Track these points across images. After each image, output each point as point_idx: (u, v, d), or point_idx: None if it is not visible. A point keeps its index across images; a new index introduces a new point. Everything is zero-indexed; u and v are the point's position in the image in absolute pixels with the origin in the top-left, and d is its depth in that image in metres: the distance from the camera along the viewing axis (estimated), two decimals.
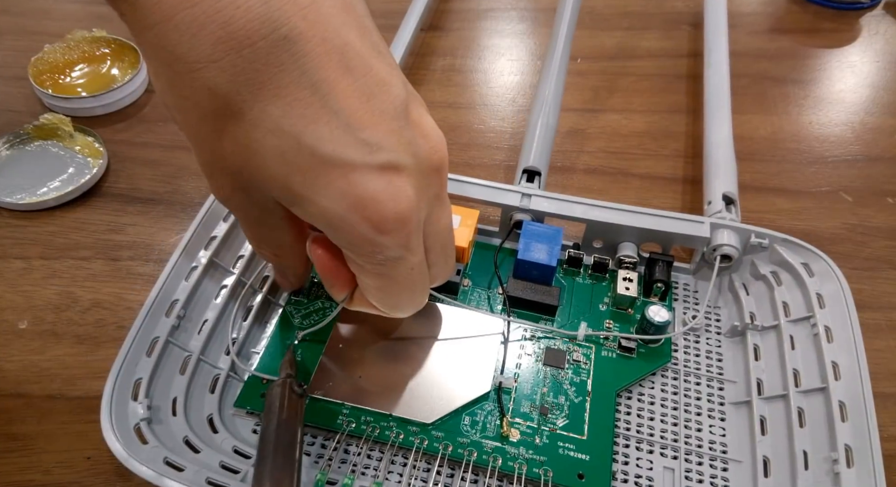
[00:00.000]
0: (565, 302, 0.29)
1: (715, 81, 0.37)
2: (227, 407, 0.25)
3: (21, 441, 0.25)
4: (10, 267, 0.31)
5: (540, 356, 0.27)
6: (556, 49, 0.37)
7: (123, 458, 0.21)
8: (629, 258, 0.29)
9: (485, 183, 0.30)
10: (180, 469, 0.22)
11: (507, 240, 0.30)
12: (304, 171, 0.17)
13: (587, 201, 0.30)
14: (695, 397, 0.27)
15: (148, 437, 0.23)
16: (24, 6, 0.49)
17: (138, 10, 0.16)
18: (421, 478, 0.24)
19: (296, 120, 0.17)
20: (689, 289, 0.30)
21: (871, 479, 0.21)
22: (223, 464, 0.23)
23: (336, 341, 0.26)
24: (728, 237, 0.29)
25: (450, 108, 0.41)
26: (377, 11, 0.48)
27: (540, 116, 0.33)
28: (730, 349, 0.28)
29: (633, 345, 0.27)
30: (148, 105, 0.40)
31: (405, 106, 0.18)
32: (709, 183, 0.32)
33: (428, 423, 0.24)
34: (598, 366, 0.26)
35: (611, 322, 0.28)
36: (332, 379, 0.25)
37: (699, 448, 0.25)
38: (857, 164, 0.38)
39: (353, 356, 0.26)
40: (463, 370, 0.25)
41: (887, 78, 0.44)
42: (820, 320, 0.26)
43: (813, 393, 0.24)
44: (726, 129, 0.34)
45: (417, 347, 0.26)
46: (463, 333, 0.27)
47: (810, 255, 0.28)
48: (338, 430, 0.24)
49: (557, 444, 0.24)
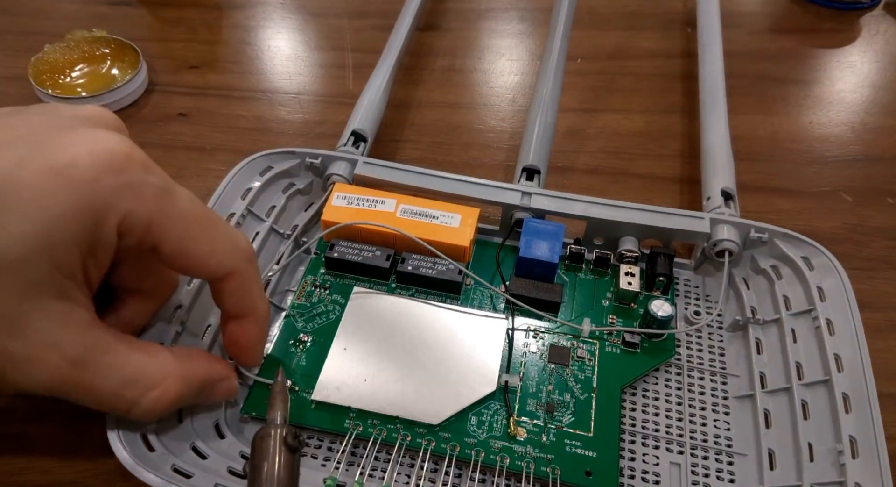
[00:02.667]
0: (568, 298, 0.29)
1: (710, 79, 0.37)
2: (234, 413, 0.25)
3: (21, 440, 0.25)
4: None
5: (544, 354, 0.27)
6: (553, 47, 0.37)
7: (131, 466, 0.21)
8: (630, 253, 0.29)
9: (484, 182, 0.30)
10: (188, 476, 0.22)
11: (509, 239, 0.30)
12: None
13: (587, 199, 0.30)
14: (698, 392, 0.27)
15: (155, 445, 0.22)
16: (24, 6, 0.48)
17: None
18: (429, 479, 0.24)
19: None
20: (689, 284, 0.31)
21: (876, 469, 0.21)
22: (231, 470, 0.23)
23: (341, 343, 0.26)
24: (728, 232, 0.29)
25: (450, 108, 0.41)
26: (376, 12, 0.48)
27: (538, 115, 0.33)
28: (732, 344, 0.28)
29: (637, 340, 0.27)
30: (148, 105, 0.40)
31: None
32: (707, 180, 0.32)
33: (435, 424, 0.24)
34: (603, 362, 0.26)
35: (614, 317, 0.28)
36: (337, 383, 0.25)
37: (704, 442, 0.25)
38: (857, 164, 0.38)
39: (359, 359, 0.26)
40: (468, 370, 0.25)
41: (887, 78, 0.44)
42: (821, 313, 0.26)
43: (816, 386, 0.25)
44: (722, 126, 0.34)
45: (422, 349, 0.26)
46: (466, 333, 0.27)
47: (810, 249, 0.28)
48: (345, 433, 0.24)
49: (564, 442, 0.24)
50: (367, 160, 0.31)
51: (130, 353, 0.20)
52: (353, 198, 0.29)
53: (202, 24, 0.47)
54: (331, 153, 0.32)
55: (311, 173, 0.32)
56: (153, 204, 0.19)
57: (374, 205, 0.29)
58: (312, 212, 0.31)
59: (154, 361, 0.21)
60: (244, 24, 0.47)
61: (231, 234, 0.21)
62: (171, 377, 0.21)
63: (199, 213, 0.20)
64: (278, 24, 0.48)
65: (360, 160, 0.31)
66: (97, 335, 0.19)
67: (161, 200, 0.19)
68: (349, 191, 0.30)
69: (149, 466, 0.21)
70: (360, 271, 0.29)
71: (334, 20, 0.48)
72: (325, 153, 0.31)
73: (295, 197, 0.32)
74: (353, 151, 0.32)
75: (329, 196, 0.30)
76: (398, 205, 0.29)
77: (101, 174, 0.18)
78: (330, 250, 0.29)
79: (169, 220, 0.19)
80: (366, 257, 0.28)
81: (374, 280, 0.29)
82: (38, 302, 0.18)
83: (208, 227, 0.20)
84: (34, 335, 0.18)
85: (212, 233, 0.20)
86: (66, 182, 0.17)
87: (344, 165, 0.31)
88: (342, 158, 0.31)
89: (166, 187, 0.19)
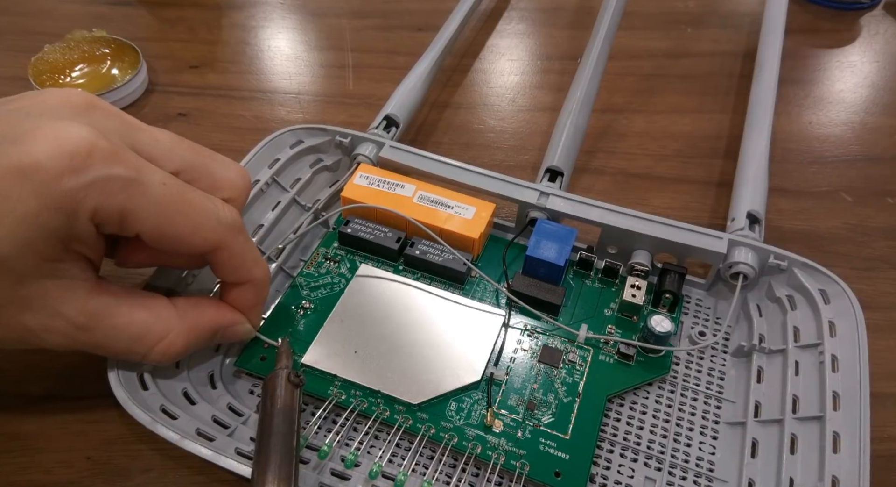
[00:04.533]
0: (570, 303, 0.29)
1: (760, 93, 0.36)
2: (229, 366, 0.27)
3: (21, 440, 0.25)
4: None
5: (536, 353, 0.27)
6: (594, 49, 0.37)
7: (123, 401, 0.23)
8: (641, 266, 0.29)
9: (505, 178, 0.31)
10: (174, 417, 0.23)
11: (521, 236, 0.30)
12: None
13: (604, 205, 0.29)
14: (689, 412, 0.26)
15: (149, 385, 0.24)
16: (24, 6, 0.48)
17: None
18: (401, 456, 0.24)
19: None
20: (701, 304, 0.30)
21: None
22: (215, 418, 0.24)
23: (339, 314, 0.27)
24: (745, 256, 0.28)
25: (450, 108, 0.41)
26: (376, 11, 0.49)
27: (569, 116, 0.33)
28: (733, 369, 0.27)
29: (632, 352, 0.27)
30: (148, 105, 0.41)
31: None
32: (735, 199, 0.31)
33: (414, 404, 0.24)
34: (594, 369, 0.26)
35: (613, 328, 0.28)
36: (328, 351, 0.26)
37: (686, 462, 0.25)
38: (857, 164, 0.38)
39: (353, 332, 0.26)
40: (457, 357, 0.26)
41: (887, 78, 0.43)
42: (828, 348, 0.25)
43: (809, 421, 0.24)
44: (763, 146, 0.33)
45: (416, 331, 0.27)
46: (462, 322, 0.27)
47: (829, 282, 0.27)
48: (326, 399, 0.25)
49: (539, 440, 0.24)
50: (394, 145, 0.32)
51: (133, 313, 0.22)
52: (374, 179, 0.30)
53: (202, 24, 0.47)
54: (360, 134, 0.32)
55: (340, 152, 0.33)
56: (121, 197, 0.19)
57: (394, 188, 0.30)
58: (336, 188, 0.32)
59: (157, 318, 0.22)
60: (244, 24, 0.48)
61: (212, 208, 0.21)
62: (175, 330, 0.22)
63: (174, 195, 0.20)
64: (278, 24, 0.48)
65: (387, 144, 0.32)
66: (99, 302, 0.21)
67: (129, 190, 0.19)
68: (372, 172, 0.31)
69: (139, 403, 0.23)
70: (371, 249, 0.30)
71: (334, 20, 0.48)
72: (354, 133, 0.32)
73: (322, 173, 0.33)
74: (383, 135, 0.33)
75: (352, 175, 0.31)
76: (416, 191, 0.30)
77: (64, 174, 0.18)
78: (344, 226, 0.30)
79: (141, 209, 0.19)
80: (377, 236, 0.29)
81: (382, 260, 0.30)
82: (34, 286, 0.19)
83: (184, 207, 0.20)
84: (41, 310, 0.20)
85: (189, 212, 0.20)
86: (32, 186, 0.18)
87: (371, 147, 0.32)
88: (371, 139, 0.32)
89: (134, 176, 0.19)
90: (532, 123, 0.40)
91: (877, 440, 0.22)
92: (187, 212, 0.20)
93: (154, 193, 0.20)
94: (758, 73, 0.38)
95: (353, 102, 0.35)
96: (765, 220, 0.30)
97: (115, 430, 0.25)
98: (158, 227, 0.20)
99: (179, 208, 0.20)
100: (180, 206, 0.20)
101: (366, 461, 0.23)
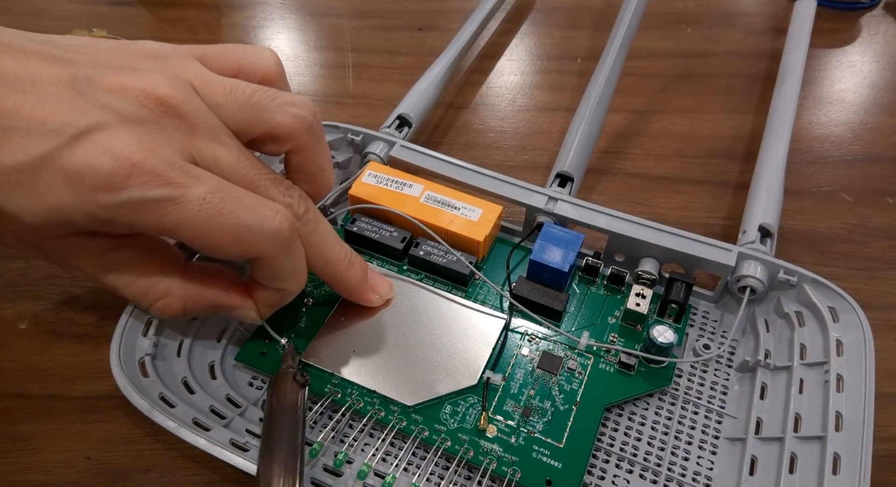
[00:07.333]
0: (574, 310, 0.28)
1: (780, 103, 0.36)
2: (229, 358, 0.27)
3: (21, 441, 0.25)
4: (10, 267, 0.31)
5: (535, 359, 0.26)
6: (610, 54, 0.36)
7: (123, 387, 0.23)
8: (647, 275, 0.28)
9: (514, 181, 0.30)
10: (172, 405, 0.23)
11: (527, 240, 0.30)
12: (20, 187, 0.18)
13: (612, 212, 0.29)
14: (689, 426, 0.26)
15: (150, 372, 0.24)
16: (24, 6, 0.48)
17: None
18: (394, 455, 0.24)
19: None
20: (707, 317, 0.29)
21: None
22: (213, 409, 0.24)
23: (340, 313, 0.27)
24: (754, 269, 0.27)
25: (450, 108, 0.41)
26: (376, 11, 0.49)
27: (582, 122, 0.33)
28: (736, 384, 0.27)
29: (633, 362, 0.26)
30: None
31: (77, 79, 0.19)
32: (748, 211, 0.30)
33: (409, 405, 0.24)
34: (593, 378, 0.26)
35: (616, 336, 0.27)
36: (327, 349, 0.26)
37: (682, 476, 0.24)
38: (857, 164, 0.37)
39: (353, 331, 0.26)
40: (454, 360, 0.26)
41: (887, 78, 0.43)
42: (833, 367, 0.24)
43: (810, 440, 0.23)
44: (780, 157, 0.32)
45: (415, 333, 0.27)
46: (463, 325, 0.27)
47: (839, 300, 0.26)
48: (322, 396, 0.25)
49: (532, 447, 0.24)
50: (405, 144, 0.32)
51: (145, 269, 0.23)
52: (382, 178, 0.30)
53: (202, 24, 0.47)
54: (372, 132, 0.33)
55: (352, 150, 0.33)
56: (152, 216, 0.19)
57: (402, 187, 0.30)
58: (345, 186, 0.33)
59: (162, 279, 0.23)
60: (244, 24, 0.48)
61: (256, 219, 0.20)
62: (173, 294, 0.23)
63: (210, 210, 0.19)
64: (278, 24, 0.48)
65: (398, 143, 0.32)
66: (115, 256, 0.22)
67: (161, 209, 0.19)
68: (381, 171, 0.31)
69: (139, 390, 0.23)
70: (376, 248, 0.30)
71: (334, 20, 0.48)
72: (366, 132, 0.33)
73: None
74: (394, 134, 0.33)
75: (361, 173, 0.31)
76: (424, 191, 0.30)
77: (100, 190, 0.18)
78: (351, 224, 0.30)
79: (173, 225, 0.19)
80: (383, 236, 0.29)
81: (387, 260, 0.30)
82: (56, 242, 0.21)
83: (222, 222, 0.20)
84: (58, 260, 0.22)
85: (226, 226, 0.20)
86: (73, 189, 0.18)
87: (382, 146, 0.32)
88: (382, 138, 0.32)
89: (169, 196, 0.19)
90: (532, 123, 0.40)
91: (877, 440, 0.22)
92: (225, 227, 0.20)
93: (188, 210, 0.19)
94: (779, 83, 0.38)
95: (352, 102, 0.35)
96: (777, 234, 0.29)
97: (115, 430, 0.26)
98: (192, 240, 0.20)
99: (216, 220, 0.19)
100: (217, 219, 0.19)
101: (358, 459, 0.23)
